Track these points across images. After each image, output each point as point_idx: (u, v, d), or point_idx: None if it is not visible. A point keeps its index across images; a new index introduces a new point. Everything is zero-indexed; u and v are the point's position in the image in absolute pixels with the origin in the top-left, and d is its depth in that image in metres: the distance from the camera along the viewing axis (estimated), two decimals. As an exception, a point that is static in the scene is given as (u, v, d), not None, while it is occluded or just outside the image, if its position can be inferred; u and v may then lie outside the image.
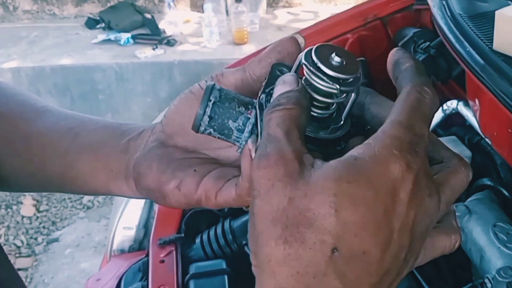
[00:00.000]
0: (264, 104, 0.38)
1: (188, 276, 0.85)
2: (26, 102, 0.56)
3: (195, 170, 0.43)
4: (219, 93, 0.39)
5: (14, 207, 2.61)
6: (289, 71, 0.40)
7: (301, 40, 0.42)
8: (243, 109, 0.39)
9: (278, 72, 0.40)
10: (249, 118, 0.39)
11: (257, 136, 0.38)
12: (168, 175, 0.43)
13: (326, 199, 0.31)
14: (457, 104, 1.14)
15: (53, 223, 2.53)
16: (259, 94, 0.39)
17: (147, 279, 0.87)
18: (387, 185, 0.32)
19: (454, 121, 1.19)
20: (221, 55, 3.04)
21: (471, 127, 1.10)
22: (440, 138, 1.20)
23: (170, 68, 3.12)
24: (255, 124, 0.38)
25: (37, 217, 2.55)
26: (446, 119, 1.19)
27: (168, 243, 0.92)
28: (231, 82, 0.43)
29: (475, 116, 1.01)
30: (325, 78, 0.36)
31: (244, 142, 0.39)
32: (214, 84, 0.40)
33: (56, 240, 2.43)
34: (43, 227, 2.49)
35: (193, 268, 0.86)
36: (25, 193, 2.70)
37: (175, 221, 0.98)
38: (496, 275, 0.78)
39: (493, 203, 0.96)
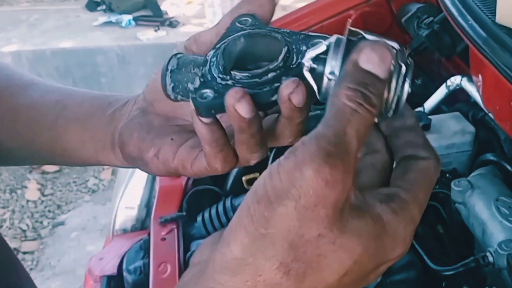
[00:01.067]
0: (208, 61, 0.38)
1: (189, 253, 0.86)
2: (12, 76, 0.56)
3: (172, 139, 0.44)
4: (176, 61, 0.40)
5: (19, 191, 2.64)
6: (253, 23, 0.39)
7: None
8: (197, 70, 0.39)
9: (238, 24, 0.40)
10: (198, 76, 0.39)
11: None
12: (147, 143, 0.44)
13: (345, 260, 0.31)
14: (461, 80, 1.14)
15: (58, 206, 2.55)
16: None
17: (148, 257, 0.88)
18: (384, 259, 0.33)
19: (458, 98, 1.19)
20: (224, 36, 3.03)
21: (475, 103, 1.10)
22: (443, 115, 1.19)
23: (173, 49, 3.11)
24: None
25: (42, 201, 2.58)
26: (450, 95, 1.19)
27: (170, 221, 0.93)
28: (207, 39, 0.43)
29: (478, 91, 1.01)
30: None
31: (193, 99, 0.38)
32: (174, 54, 0.41)
33: (62, 223, 2.46)
34: (48, 210, 2.52)
35: (194, 246, 0.87)
36: (29, 178, 2.72)
37: (176, 199, 0.99)
38: (498, 248, 0.79)
39: (496, 178, 0.96)
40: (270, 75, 0.36)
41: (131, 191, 1.10)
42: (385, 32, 1.42)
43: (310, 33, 0.39)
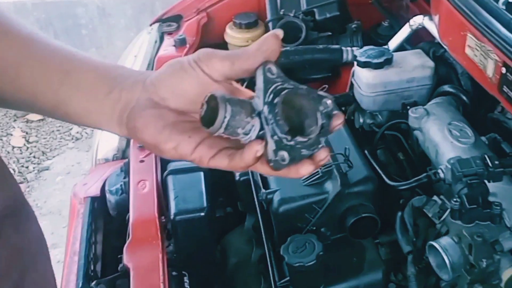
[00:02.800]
0: (267, 117, 0.46)
1: (166, 172, 0.89)
2: (11, 27, 0.54)
3: (189, 136, 0.50)
4: (230, 109, 0.46)
5: (4, 138, 2.62)
6: (277, 71, 0.47)
7: (280, 33, 0.49)
8: (250, 118, 0.47)
9: (269, 75, 0.47)
10: (253, 126, 0.47)
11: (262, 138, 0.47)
12: (165, 136, 0.50)
13: None
14: (423, 19, 1.17)
15: (43, 153, 2.55)
16: (261, 105, 0.46)
17: (128, 177, 0.91)
18: None
19: (424, 39, 1.22)
20: (203, -11, 2.99)
21: (437, 43, 1.13)
22: (405, 51, 1.22)
23: (152, 3, 3.07)
24: (260, 130, 0.47)
25: (27, 148, 2.57)
26: (414, 34, 1.22)
27: (148, 145, 0.96)
28: (217, 69, 0.49)
29: (437, 28, 1.04)
30: None
31: (247, 142, 0.47)
32: (224, 97, 0.46)
33: (47, 168, 2.47)
34: (34, 156, 2.52)
35: (171, 166, 0.91)
36: (14, 126, 2.71)
37: (154, 127, 1.01)
38: (447, 164, 0.84)
39: (450, 106, 1.00)
40: (313, 137, 0.47)
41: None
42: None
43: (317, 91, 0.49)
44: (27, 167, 2.47)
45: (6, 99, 0.55)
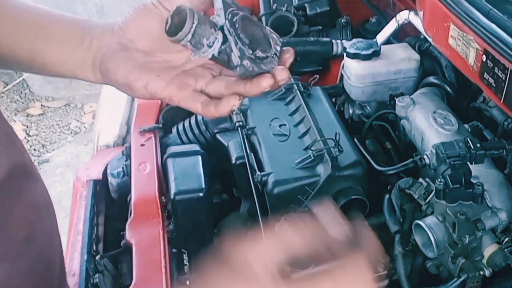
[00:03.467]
0: (229, 29, 0.48)
1: (166, 155, 0.90)
2: None
3: (158, 75, 0.52)
4: (197, 17, 0.47)
5: (5, 132, 2.62)
6: None
7: None
8: (213, 30, 0.48)
9: None
10: (216, 38, 0.48)
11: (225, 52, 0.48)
12: (135, 75, 0.52)
13: None
14: (409, 14, 1.18)
15: (43, 146, 2.55)
16: (223, 20, 0.48)
17: (130, 160, 0.92)
18: None
19: (410, 35, 1.24)
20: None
21: (423, 38, 1.15)
22: (392, 45, 1.24)
23: (148, 1, 3.07)
24: (222, 43, 0.48)
25: (28, 141, 2.57)
26: (400, 30, 1.24)
27: (147, 131, 0.97)
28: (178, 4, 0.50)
29: (422, 22, 1.06)
30: None
31: (209, 55, 0.49)
32: (192, 9, 0.48)
33: (47, 161, 2.47)
34: (34, 149, 2.52)
35: (170, 150, 0.92)
36: (15, 120, 2.70)
37: (153, 115, 1.03)
38: (432, 149, 0.86)
39: (435, 95, 1.02)
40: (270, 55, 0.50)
41: (112, 110, 1.12)
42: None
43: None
44: (27, 159, 2.47)
45: None
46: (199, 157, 0.91)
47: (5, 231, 0.50)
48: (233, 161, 0.93)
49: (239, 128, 0.95)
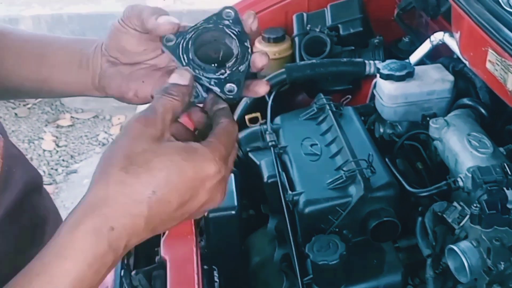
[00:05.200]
0: (196, 75, 0.51)
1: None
2: None
3: (143, 81, 0.58)
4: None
5: (36, 142, 2.69)
6: (174, 36, 0.52)
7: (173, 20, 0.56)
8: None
9: (169, 44, 0.53)
10: (196, 90, 0.52)
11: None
12: (125, 87, 0.58)
13: (165, 161, 0.44)
14: (443, 35, 1.19)
15: (72, 156, 2.61)
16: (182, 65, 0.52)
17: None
18: (203, 173, 0.46)
19: (443, 55, 1.24)
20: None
21: (457, 58, 1.15)
22: (426, 65, 1.24)
23: (179, 18, 3.04)
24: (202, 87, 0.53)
25: (57, 151, 2.63)
26: (433, 50, 1.24)
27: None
28: (138, 25, 0.56)
29: (457, 43, 1.06)
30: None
31: (202, 99, 0.53)
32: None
33: (75, 171, 2.52)
34: (63, 160, 2.58)
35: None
36: (45, 130, 2.77)
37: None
38: (467, 173, 0.85)
39: (469, 117, 1.02)
40: (238, 51, 0.52)
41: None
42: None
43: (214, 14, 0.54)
44: (56, 170, 2.53)
45: None
46: (232, 175, 0.92)
47: (19, 245, 0.54)
48: (265, 180, 0.94)
49: (271, 148, 0.97)
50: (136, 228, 0.44)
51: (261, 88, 0.53)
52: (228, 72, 0.50)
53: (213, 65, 0.50)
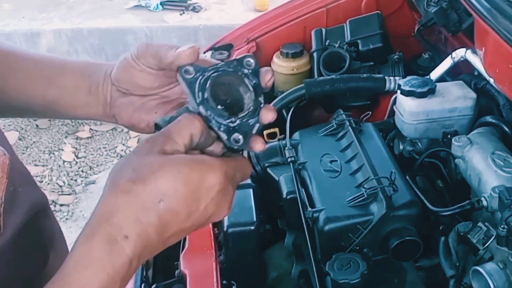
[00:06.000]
0: (206, 115, 0.49)
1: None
2: None
3: (156, 112, 0.57)
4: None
5: (56, 153, 2.71)
6: (192, 68, 0.49)
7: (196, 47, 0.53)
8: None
9: (187, 76, 0.50)
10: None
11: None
12: (136, 119, 0.58)
13: (173, 171, 0.44)
14: (465, 52, 1.16)
15: (91, 168, 2.62)
16: (196, 107, 0.49)
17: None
18: (207, 182, 0.46)
19: (462, 72, 1.21)
20: (243, 21, 3.05)
21: (478, 75, 1.12)
22: (448, 82, 1.21)
23: (196, 32, 3.16)
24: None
25: (76, 162, 2.64)
26: (454, 67, 1.22)
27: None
28: (153, 64, 0.54)
29: (481, 60, 1.04)
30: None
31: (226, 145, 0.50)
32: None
33: (93, 182, 2.53)
34: (82, 170, 2.59)
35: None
36: (65, 142, 2.79)
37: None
38: (492, 192, 0.82)
39: (493, 136, 0.99)
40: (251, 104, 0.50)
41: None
42: (397, 10, 1.44)
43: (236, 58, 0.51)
44: (75, 180, 2.54)
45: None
46: (251, 190, 0.91)
47: (24, 265, 0.54)
48: (284, 196, 0.92)
49: (290, 163, 0.95)
50: (148, 238, 0.44)
51: (257, 145, 0.52)
52: (238, 122, 0.49)
53: (221, 107, 0.49)
